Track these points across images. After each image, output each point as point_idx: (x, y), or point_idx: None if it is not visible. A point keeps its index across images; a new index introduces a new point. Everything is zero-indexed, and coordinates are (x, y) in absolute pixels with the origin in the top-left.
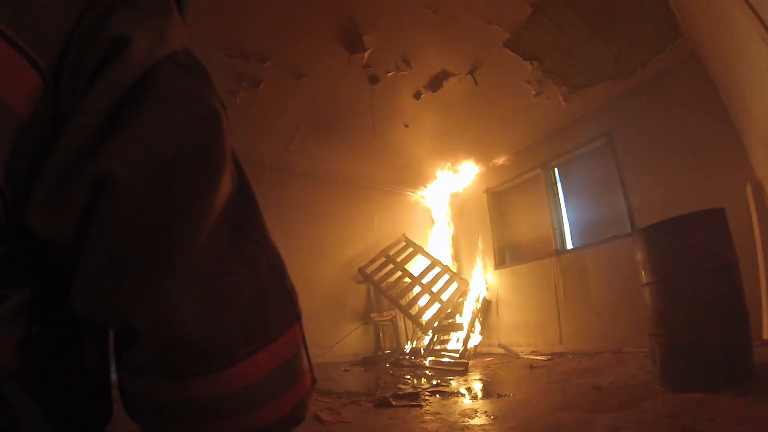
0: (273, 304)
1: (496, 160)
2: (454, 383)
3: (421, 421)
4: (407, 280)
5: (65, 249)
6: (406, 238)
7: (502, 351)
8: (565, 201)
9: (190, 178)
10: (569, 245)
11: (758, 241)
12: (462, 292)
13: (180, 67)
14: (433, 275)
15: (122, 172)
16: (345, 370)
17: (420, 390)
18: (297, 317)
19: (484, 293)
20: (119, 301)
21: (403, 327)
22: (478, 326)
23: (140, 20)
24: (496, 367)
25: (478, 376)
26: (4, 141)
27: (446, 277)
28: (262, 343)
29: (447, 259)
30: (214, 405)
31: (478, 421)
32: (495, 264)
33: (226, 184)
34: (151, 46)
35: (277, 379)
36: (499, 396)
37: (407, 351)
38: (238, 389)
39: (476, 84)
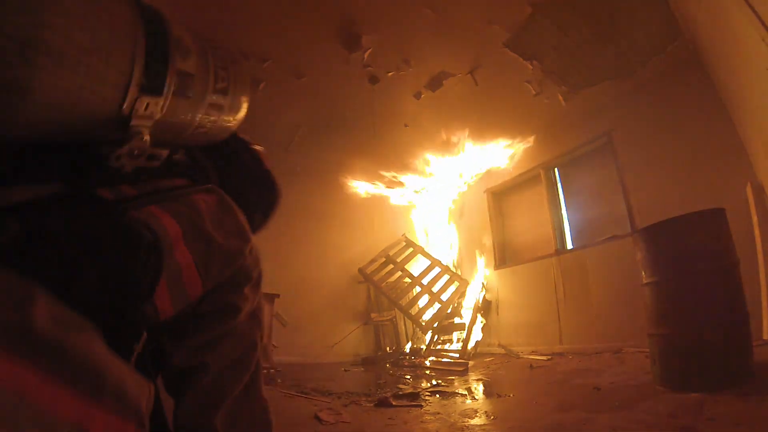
0: None
1: (497, 160)
2: (454, 383)
3: (421, 421)
4: (407, 280)
5: None
6: (406, 238)
7: (502, 351)
8: (565, 201)
9: None
10: (569, 245)
11: (758, 241)
12: (462, 292)
13: None
14: (433, 275)
15: None
16: (345, 370)
17: (420, 390)
18: None
19: (484, 293)
20: None
21: (403, 327)
22: (478, 326)
23: None
24: (496, 367)
25: (478, 376)
26: None
27: (446, 277)
28: None
29: (447, 260)
30: None
31: (478, 421)
32: (495, 264)
33: None
34: None
35: None
36: (499, 396)
37: (407, 351)
38: None
39: (476, 84)
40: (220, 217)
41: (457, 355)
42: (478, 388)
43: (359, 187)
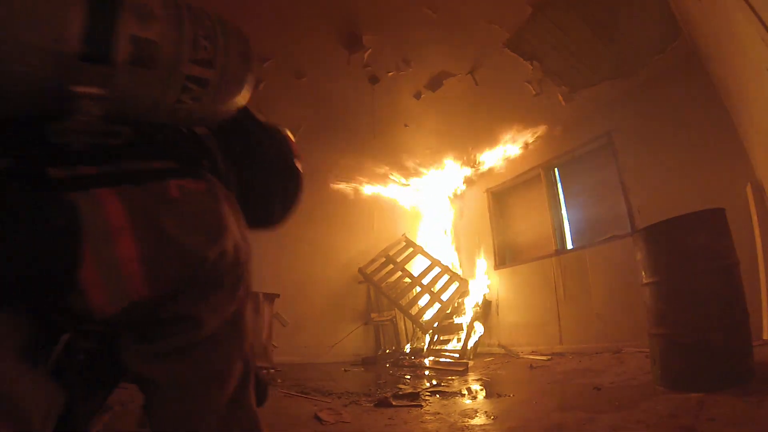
0: None
1: (497, 160)
2: (454, 383)
3: (421, 421)
4: (407, 280)
5: None
6: (406, 238)
7: (502, 351)
8: (565, 201)
9: None
10: (569, 245)
11: (758, 241)
12: (462, 292)
13: None
14: (433, 275)
15: None
16: (345, 370)
17: (420, 390)
18: None
19: (484, 293)
20: None
21: (403, 327)
22: (478, 326)
23: None
24: (496, 367)
25: (478, 376)
26: None
27: (446, 277)
28: None
29: (447, 260)
30: None
31: (478, 421)
32: (495, 264)
33: None
34: None
35: None
36: (499, 396)
37: (407, 351)
38: None
39: (476, 84)
40: (196, 210)
41: (457, 355)
42: (478, 388)
43: (359, 187)
